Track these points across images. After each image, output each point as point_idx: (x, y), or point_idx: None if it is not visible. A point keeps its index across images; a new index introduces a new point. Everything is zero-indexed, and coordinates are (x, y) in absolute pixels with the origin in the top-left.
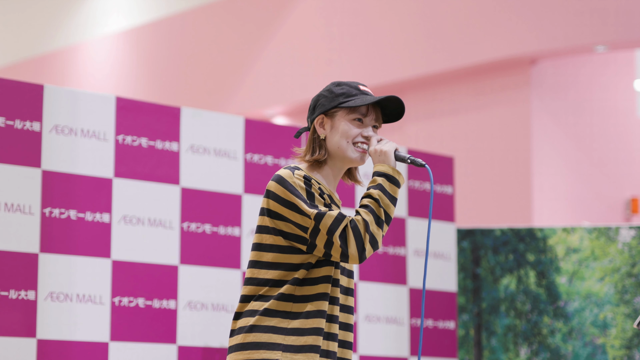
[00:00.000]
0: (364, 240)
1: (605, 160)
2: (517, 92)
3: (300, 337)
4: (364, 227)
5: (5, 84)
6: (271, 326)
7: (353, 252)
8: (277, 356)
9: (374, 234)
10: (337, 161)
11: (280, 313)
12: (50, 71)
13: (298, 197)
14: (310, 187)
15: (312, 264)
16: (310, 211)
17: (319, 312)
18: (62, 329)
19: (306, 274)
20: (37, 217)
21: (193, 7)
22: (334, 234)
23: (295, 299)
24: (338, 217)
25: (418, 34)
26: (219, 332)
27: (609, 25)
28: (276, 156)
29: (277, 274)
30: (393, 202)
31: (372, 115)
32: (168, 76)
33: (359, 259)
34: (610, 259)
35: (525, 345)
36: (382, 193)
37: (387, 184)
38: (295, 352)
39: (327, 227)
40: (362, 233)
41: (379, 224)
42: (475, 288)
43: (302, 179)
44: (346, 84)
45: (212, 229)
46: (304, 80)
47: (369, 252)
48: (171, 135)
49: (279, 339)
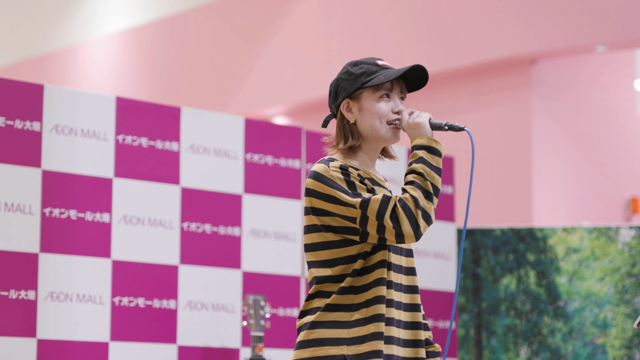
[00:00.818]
0: (417, 217)
1: (605, 160)
2: (517, 92)
3: (363, 327)
4: (414, 204)
5: (5, 84)
6: (334, 321)
7: (408, 230)
8: (342, 351)
9: (426, 209)
10: (372, 143)
11: (342, 307)
12: (50, 71)
13: (338, 189)
14: (349, 176)
15: (368, 252)
16: (354, 200)
17: (378, 299)
18: (62, 329)
19: (363, 263)
20: (37, 217)
21: (193, 7)
22: (384, 217)
23: (356, 290)
24: (384, 199)
25: (418, 33)
26: (219, 332)
27: (609, 25)
28: (276, 156)
29: (336, 269)
30: (438, 173)
31: (397, 88)
32: (168, 76)
33: (415, 237)
34: (610, 258)
35: (526, 345)
36: (425, 166)
37: (428, 155)
38: (360, 344)
39: (376, 212)
40: (413, 210)
41: (429, 198)
42: (475, 288)
43: (339, 170)
44: (363, 62)
45: (212, 229)
46: (304, 80)
47: (423, 228)
48: (171, 135)
49: (343, 333)
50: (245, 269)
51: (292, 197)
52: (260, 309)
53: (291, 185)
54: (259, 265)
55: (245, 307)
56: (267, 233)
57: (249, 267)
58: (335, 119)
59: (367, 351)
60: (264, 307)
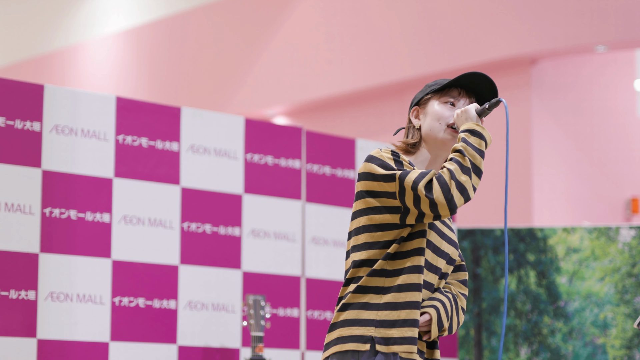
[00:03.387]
0: (450, 187)
1: (605, 160)
2: (517, 92)
3: (393, 311)
4: (449, 175)
5: (5, 84)
6: (363, 302)
7: (440, 199)
8: (370, 332)
9: (461, 182)
10: (431, 144)
11: (372, 289)
12: (50, 71)
13: (384, 166)
14: (399, 157)
15: (404, 237)
16: (394, 172)
17: (413, 285)
18: (62, 329)
19: (398, 248)
20: (37, 217)
21: (193, 7)
22: (418, 186)
23: (387, 274)
24: (423, 172)
25: (418, 34)
26: (219, 332)
27: (609, 25)
28: (276, 156)
29: (371, 253)
30: (479, 154)
31: (465, 99)
32: (168, 76)
33: (449, 206)
34: (610, 259)
35: (526, 345)
36: (465, 144)
37: (470, 137)
38: (389, 327)
39: (411, 182)
40: (447, 181)
41: (466, 172)
42: (476, 288)
43: (390, 152)
44: (440, 79)
45: (212, 229)
46: (304, 80)
47: (458, 199)
48: (171, 135)
49: (372, 314)
50: (246, 269)
51: (292, 197)
52: (261, 309)
53: (291, 185)
54: (259, 265)
55: (245, 307)
56: (267, 233)
57: (249, 267)
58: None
59: (397, 337)
60: (264, 307)
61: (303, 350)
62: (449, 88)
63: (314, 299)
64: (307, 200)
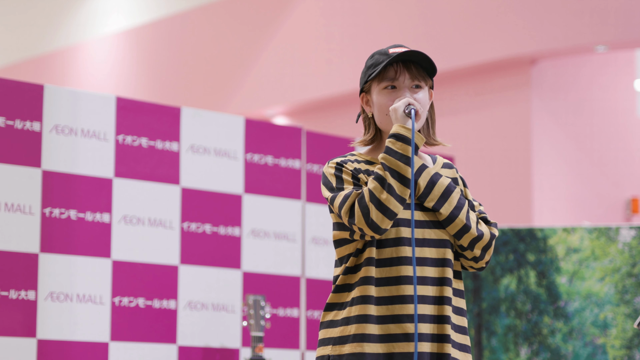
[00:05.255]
0: (370, 210)
1: (605, 160)
2: (517, 92)
3: (346, 326)
4: (369, 197)
5: (5, 84)
6: (329, 320)
7: (361, 224)
8: (327, 351)
9: (382, 200)
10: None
11: (337, 305)
12: (50, 71)
13: (327, 185)
14: (342, 171)
15: (360, 249)
16: (329, 196)
17: (363, 298)
18: (62, 329)
19: (355, 261)
20: (37, 217)
21: (193, 7)
22: (341, 212)
23: (348, 288)
24: (346, 194)
25: (418, 34)
26: (218, 332)
27: (609, 25)
28: (276, 156)
29: (340, 269)
30: (404, 161)
31: (405, 75)
32: (168, 76)
33: (372, 230)
34: (610, 259)
35: (526, 346)
36: (387, 155)
37: (395, 144)
38: (342, 344)
39: (337, 208)
40: (367, 203)
41: (387, 188)
42: (476, 288)
43: (334, 166)
44: (378, 51)
45: (212, 229)
46: (304, 80)
47: (380, 220)
48: (171, 135)
49: (335, 332)
50: (246, 269)
51: (292, 197)
52: (261, 309)
53: (291, 185)
54: (259, 265)
55: (245, 307)
56: (267, 233)
57: (249, 267)
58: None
59: (348, 353)
60: (264, 307)
61: (303, 351)
62: (385, 69)
63: (314, 299)
64: (307, 200)
